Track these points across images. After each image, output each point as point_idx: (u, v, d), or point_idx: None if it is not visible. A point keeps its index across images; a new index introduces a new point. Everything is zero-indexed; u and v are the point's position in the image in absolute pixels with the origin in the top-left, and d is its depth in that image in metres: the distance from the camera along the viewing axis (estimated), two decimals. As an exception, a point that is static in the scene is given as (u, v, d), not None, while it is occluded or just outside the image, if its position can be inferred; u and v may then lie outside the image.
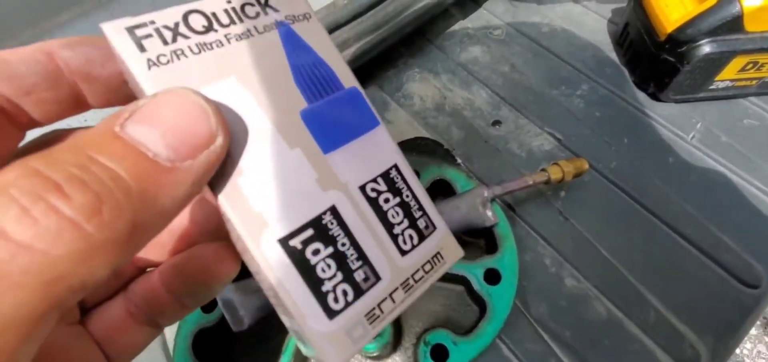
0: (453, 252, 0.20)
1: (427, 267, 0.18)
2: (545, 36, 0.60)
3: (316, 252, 0.16)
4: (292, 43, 0.17)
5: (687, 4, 0.44)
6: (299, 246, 0.15)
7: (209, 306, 0.37)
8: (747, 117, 0.48)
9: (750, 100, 0.50)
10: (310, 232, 0.16)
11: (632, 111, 0.51)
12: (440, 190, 0.43)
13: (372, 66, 0.58)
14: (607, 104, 0.52)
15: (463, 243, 0.42)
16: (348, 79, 0.18)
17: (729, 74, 0.46)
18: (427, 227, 0.18)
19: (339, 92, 0.18)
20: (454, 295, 0.38)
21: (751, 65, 0.45)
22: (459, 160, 0.44)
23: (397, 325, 0.37)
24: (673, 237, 0.41)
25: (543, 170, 0.40)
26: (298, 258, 0.15)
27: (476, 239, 0.41)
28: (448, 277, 0.38)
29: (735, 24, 0.41)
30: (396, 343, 0.36)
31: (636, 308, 0.38)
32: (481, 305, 0.36)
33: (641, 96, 0.51)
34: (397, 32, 0.52)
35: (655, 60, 0.47)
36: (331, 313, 0.16)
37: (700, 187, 0.44)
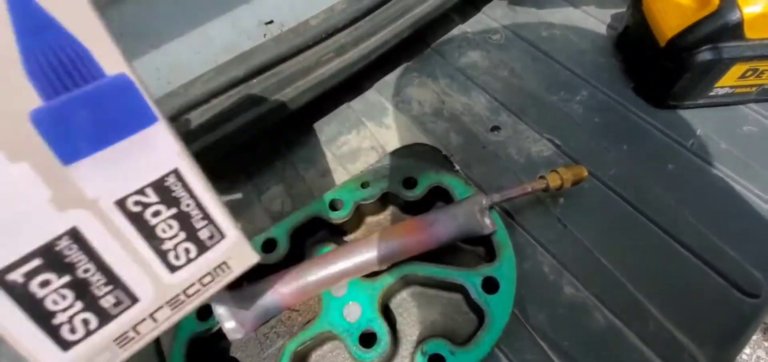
0: (243, 260, 0.18)
1: (207, 278, 0.17)
2: (544, 41, 0.59)
3: (45, 283, 0.14)
4: (27, 16, 0.13)
5: (687, 10, 0.44)
6: (20, 280, 0.14)
7: (205, 314, 0.37)
8: (747, 124, 0.48)
9: (750, 106, 0.49)
10: (37, 262, 0.14)
11: (632, 117, 0.50)
12: (438, 197, 0.43)
13: (370, 70, 0.57)
14: (607, 110, 0.51)
15: (461, 250, 0.42)
16: (114, 63, 0.14)
17: (729, 81, 0.45)
18: (211, 237, 0.17)
19: (97, 81, 0.14)
20: (452, 304, 0.38)
21: (750, 72, 0.44)
22: (457, 167, 0.44)
23: (395, 334, 0.36)
24: (673, 246, 0.41)
25: (542, 177, 0.40)
26: (19, 293, 0.14)
27: (475, 247, 0.41)
28: (446, 286, 0.38)
29: (735, 31, 0.41)
30: (393, 353, 0.35)
31: (635, 317, 0.38)
32: (479, 314, 0.36)
33: (641, 102, 0.51)
34: (396, 37, 0.52)
35: (654, 66, 0.47)
36: (65, 345, 0.14)
37: (699, 195, 0.44)
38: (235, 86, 0.45)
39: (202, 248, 0.17)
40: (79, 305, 0.15)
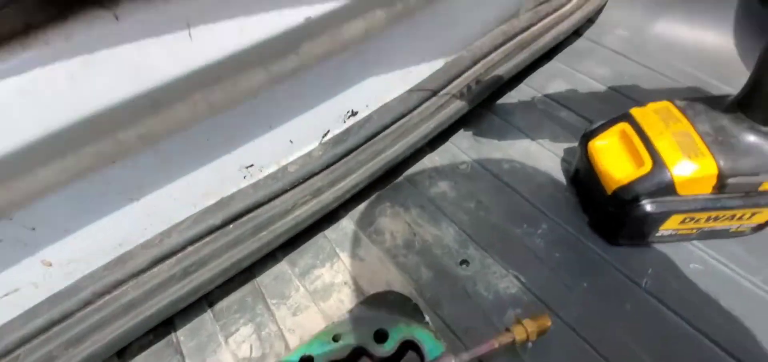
0: None
1: None
2: (507, 173, 0.64)
3: None
4: None
5: (627, 166, 0.49)
6: None
7: None
8: (693, 261, 0.52)
9: (694, 243, 0.54)
10: None
11: (589, 253, 0.54)
12: (409, 348, 0.43)
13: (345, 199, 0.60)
14: (566, 245, 0.55)
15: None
16: None
17: (671, 225, 0.50)
18: None
19: None
20: None
21: (689, 219, 0.49)
22: (427, 318, 0.45)
23: None
24: (636, 394, 0.42)
25: (508, 330, 0.42)
26: None
27: (445, 400, 0.41)
28: None
29: (668, 189, 0.46)
30: None
31: None
32: None
33: (597, 238, 0.55)
34: (369, 177, 0.55)
35: (604, 209, 0.52)
36: None
37: (654, 337, 0.46)
38: (212, 233, 0.46)
39: None
40: None
